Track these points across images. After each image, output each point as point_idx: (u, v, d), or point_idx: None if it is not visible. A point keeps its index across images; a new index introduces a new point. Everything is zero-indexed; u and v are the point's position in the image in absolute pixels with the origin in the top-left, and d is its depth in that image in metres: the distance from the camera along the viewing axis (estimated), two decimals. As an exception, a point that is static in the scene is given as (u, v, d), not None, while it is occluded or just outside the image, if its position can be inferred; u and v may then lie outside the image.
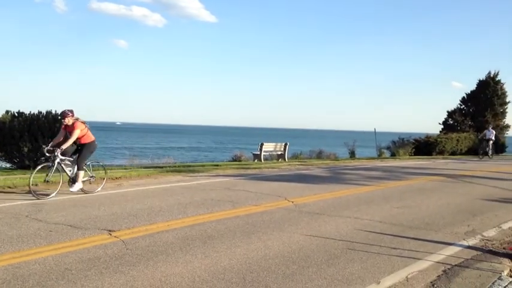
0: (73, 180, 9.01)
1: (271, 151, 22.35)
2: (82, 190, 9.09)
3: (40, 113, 16.21)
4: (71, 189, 8.91)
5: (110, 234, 5.97)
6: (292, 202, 8.68)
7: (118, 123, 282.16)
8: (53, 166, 8.72)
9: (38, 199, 8.28)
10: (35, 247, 5.34)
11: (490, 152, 25.64)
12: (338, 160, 22.82)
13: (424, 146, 28.77)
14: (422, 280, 4.64)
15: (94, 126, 14.67)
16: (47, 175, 8.84)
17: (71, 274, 4.45)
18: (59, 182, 8.91)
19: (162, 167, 15.36)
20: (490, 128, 26.28)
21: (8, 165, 15.71)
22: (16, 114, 16.03)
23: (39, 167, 8.90)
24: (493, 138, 25.75)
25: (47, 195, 8.56)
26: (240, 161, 21.74)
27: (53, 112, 16.44)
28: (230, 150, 29.35)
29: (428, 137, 29.72)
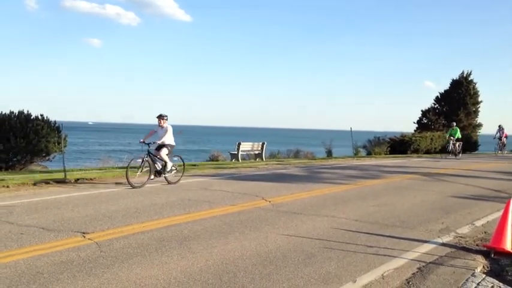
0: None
1: (248, 151, 22.34)
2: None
3: (12, 113, 15.85)
4: None
5: (84, 237, 5.84)
6: (270, 202, 8.67)
7: (90, 122, 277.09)
8: None
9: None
10: (5, 250, 5.19)
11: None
12: (315, 159, 22.95)
13: (399, 145, 29.16)
14: (398, 278, 4.68)
15: (65, 127, 14.40)
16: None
17: (42, 278, 4.34)
18: None
19: (138, 167, 15.15)
20: None
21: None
22: (-14, 114, 15.63)
23: None
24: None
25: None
26: (217, 160, 21.68)
27: (25, 112, 16.10)
28: (208, 150, 29.16)
29: (403, 135, 30.13)
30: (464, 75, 38.30)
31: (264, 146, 22.57)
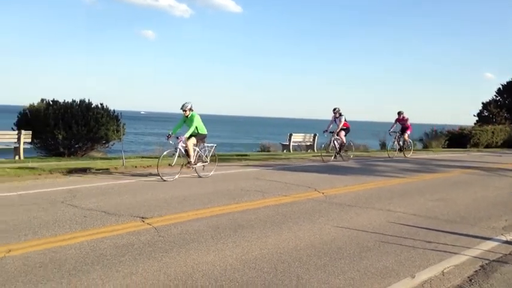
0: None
1: (300, 142, 22.20)
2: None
3: (74, 101, 16.56)
4: None
5: (143, 221, 6.04)
6: (323, 193, 8.59)
7: (142, 112, 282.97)
8: None
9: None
10: (70, 232, 5.45)
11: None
12: (368, 151, 22.49)
13: (457, 138, 28.03)
14: (459, 275, 4.51)
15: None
16: None
17: (106, 259, 4.53)
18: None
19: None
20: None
21: (43, 152, 16.13)
22: (51, 102, 16.41)
23: None
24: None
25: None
26: (268, 151, 21.68)
27: (86, 101, 16.80)
28: (256, 143, 29.08)
29: (461, 129, 28.97)
30: (530, 66, 36.21)
31: (316, 137, 22.36)
